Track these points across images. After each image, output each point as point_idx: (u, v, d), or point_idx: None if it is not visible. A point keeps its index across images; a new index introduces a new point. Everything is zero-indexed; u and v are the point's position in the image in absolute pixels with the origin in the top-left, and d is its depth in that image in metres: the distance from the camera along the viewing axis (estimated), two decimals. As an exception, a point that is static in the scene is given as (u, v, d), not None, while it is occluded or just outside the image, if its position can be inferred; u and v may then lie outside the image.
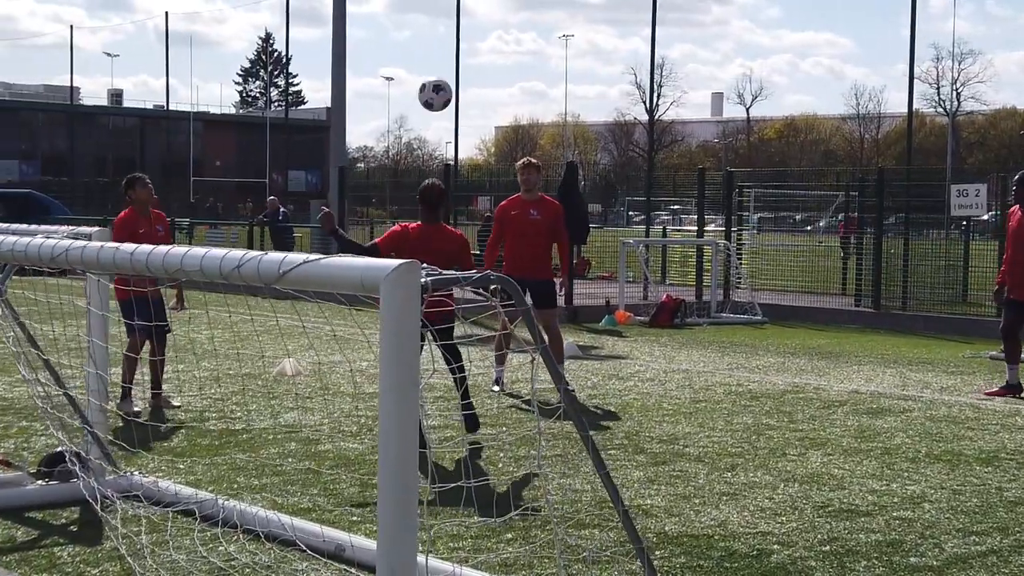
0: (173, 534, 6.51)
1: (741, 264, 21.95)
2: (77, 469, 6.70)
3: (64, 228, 7.83)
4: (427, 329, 6.20)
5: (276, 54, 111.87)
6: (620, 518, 4.79)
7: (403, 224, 9.69)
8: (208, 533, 6.55)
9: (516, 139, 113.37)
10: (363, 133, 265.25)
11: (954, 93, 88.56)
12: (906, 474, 8.59)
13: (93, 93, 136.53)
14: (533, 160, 12.41)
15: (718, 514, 7.40)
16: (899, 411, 11.26)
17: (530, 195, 12.11)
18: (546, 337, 12.48)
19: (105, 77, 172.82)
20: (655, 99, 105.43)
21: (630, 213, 64.64)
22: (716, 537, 6.91)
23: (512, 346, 12.57)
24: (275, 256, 4.41)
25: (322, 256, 4.27)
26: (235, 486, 7.82)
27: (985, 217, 25.53)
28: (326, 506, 7.38)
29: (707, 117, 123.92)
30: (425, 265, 4.17)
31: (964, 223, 22.50)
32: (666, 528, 7.09)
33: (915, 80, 27.68)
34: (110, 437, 7.60)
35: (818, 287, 23.03)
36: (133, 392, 10.61)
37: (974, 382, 13.31)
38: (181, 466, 8.40)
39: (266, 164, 77.21)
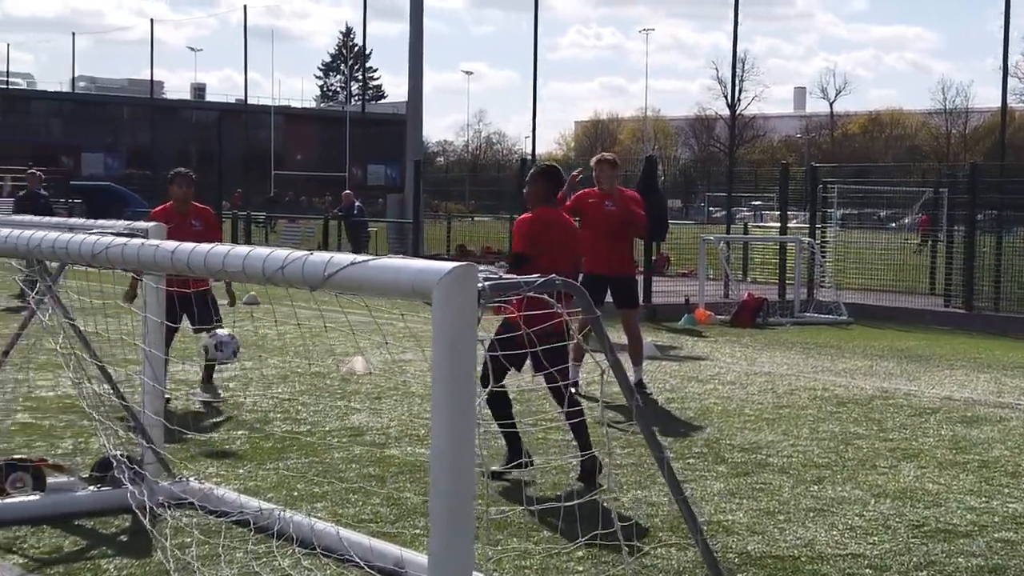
0: (225, 547, 6.17)
1: (825, 262, 21.29)
2: (124, 476, 6.38)
3: (121, 223, 7.55)
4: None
5: (356, 48, 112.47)
6: (699, 547, 4.34)
7: (528, 216, 8.61)
8: (262, 546, 6.21)
9: (595, 134, 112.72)
10: (443, 127, 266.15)
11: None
12: (1007, 490, 8.03)
13: (177, 87, 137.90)
14: (607, 155, 11.96)
15: (805, 532, 6.92)
16: (996, 420, 10.66)
17: (606, 190, 11.68)
18: (624, 339, 12.08)
19: (189, 72, 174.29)
20: (737, 94, 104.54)
21: (710, 209, 63.89)
22: (803, 559, 6.44)
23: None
24: (320, 257, 4.03)
25: (371, 257, 3.88)
26: (295, 494, 7.48)
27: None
28: (388, 516, 7.01)
29: (789, 112, 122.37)
30: (484, 268, 3.77)
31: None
32: (748, 548, 6.63)
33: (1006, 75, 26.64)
34: (164, 440, 7.29)
35: (905, 286, 22.29)
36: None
37: (1074, 389, 12.65)
38: (241, 471, 8.08)
39: (346, 158, 77.37)
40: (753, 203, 54.48)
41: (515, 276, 3.82)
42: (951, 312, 19.56)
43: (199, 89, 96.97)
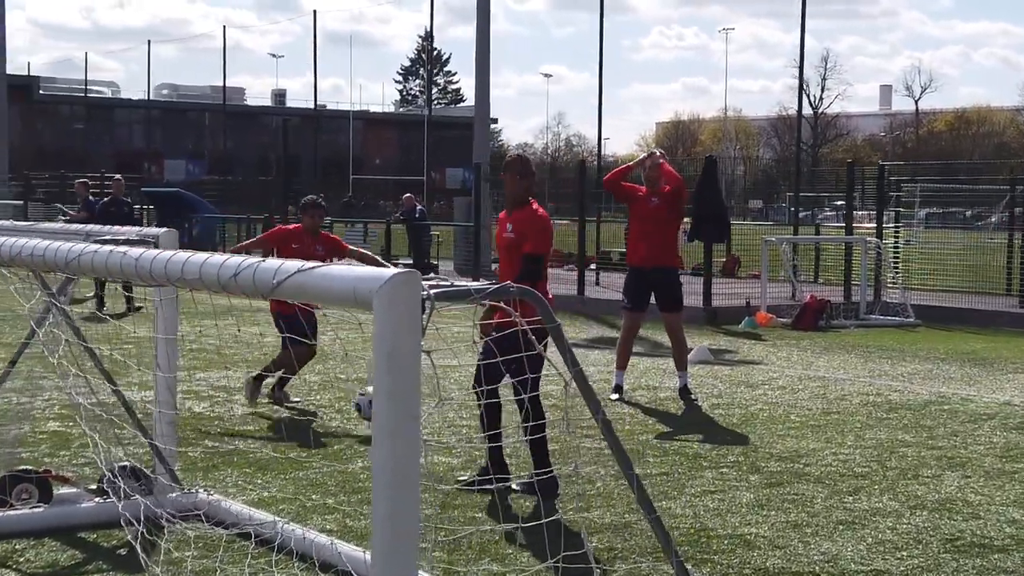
0: (225, 560, 6.04)
1: (897, 263, 20.77)
2: (128, 488, 6.27)
3: (134, 229, 7.46)
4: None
5: (436, 52, 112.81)
6: (675, 570, 4.11)
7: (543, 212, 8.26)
8: (263, 560, 6.07)
9: (676, 135, 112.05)
10: (524, 130, 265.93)
11: None
12: (1053, 502, 7.66)
13: (260, 94, 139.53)
14: (655, 152, 11.70)
15: (830, 547, 6.63)
16: (1054, 427, 10.24)
17: (653, 187, 11.45)
18: (670, 341, 11.81)
19: (272, 78, 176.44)
20: (820, 92, 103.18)
21: (792, 209, 63.10)
22: (822, 575, 6.15)
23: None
24: (271, 265, 3.86)
25: (318, 264, 3.70)
26: (307, 505, 7.33)
27: None
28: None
29: (874, 110, 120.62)
30: (434, 276, 3.58)
31: None
32: (768, 563, 6.36)
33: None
34: (175, 450, 7.18)
35: (983, 287, 21.64)
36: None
37: None
38: (259, 480, 7.96)
39: (423, 162, 77.55)
40: (836, 203, 53.68)
41: (463, 284, 3.60)
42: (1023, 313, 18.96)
43: (280, 95, 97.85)
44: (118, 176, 21.78)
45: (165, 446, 6.97)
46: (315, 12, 56.57)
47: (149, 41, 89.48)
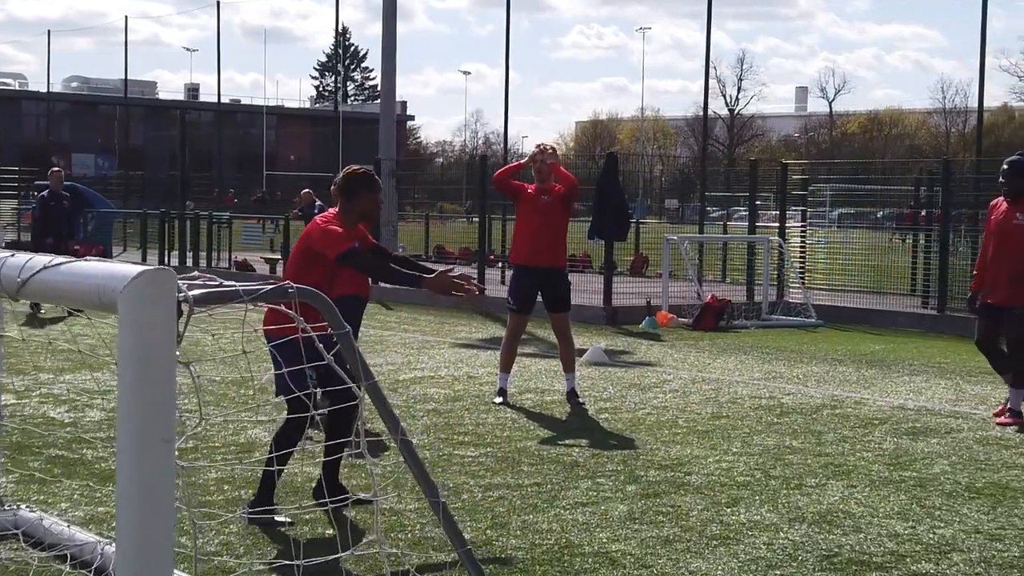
0: (34, 585, 5.48)
1: (804, 263, 20.57)
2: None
3: None
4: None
5: (353, 48, 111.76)
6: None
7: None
8: (78, 584, 5.51)
9: (595, 134, 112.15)
10: (443, 128, 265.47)
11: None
12: (938, 513, 7.31)
13: (178, 88, 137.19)
14: (547, 147, 11.22)
15: (700, 565, 6.21)
16: (946, 431, 9.94)
17: (543, 184, 10.99)
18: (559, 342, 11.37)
19: (195, 73, 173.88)
20: (736, 92, 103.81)
21: (708, 208, 63.19)
22: (687, 597, 5.73)
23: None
24: (18, 260, 3.33)
25: (67, 260, 3.19)
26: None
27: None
28: (236, 547, 6.30)
29: (790, 112, 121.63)
30: (199, 275, 3.08)
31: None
32: (630, 583, 5.92)
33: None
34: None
35: (887, 287, 21.52)
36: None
37: (1038, 397, 11.90)
38: (98, 494, 7.37)
39: (339, 158, 76.66)
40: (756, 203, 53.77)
41: (231, 285, 3.10)
42: (926, 314, 18.79)
43: (193, 89, 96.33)
44: (57, 168, 20.91)
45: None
46: (218, 3, 55.35)
47: (49, 31, 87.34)
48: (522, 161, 11.39)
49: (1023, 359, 10.45)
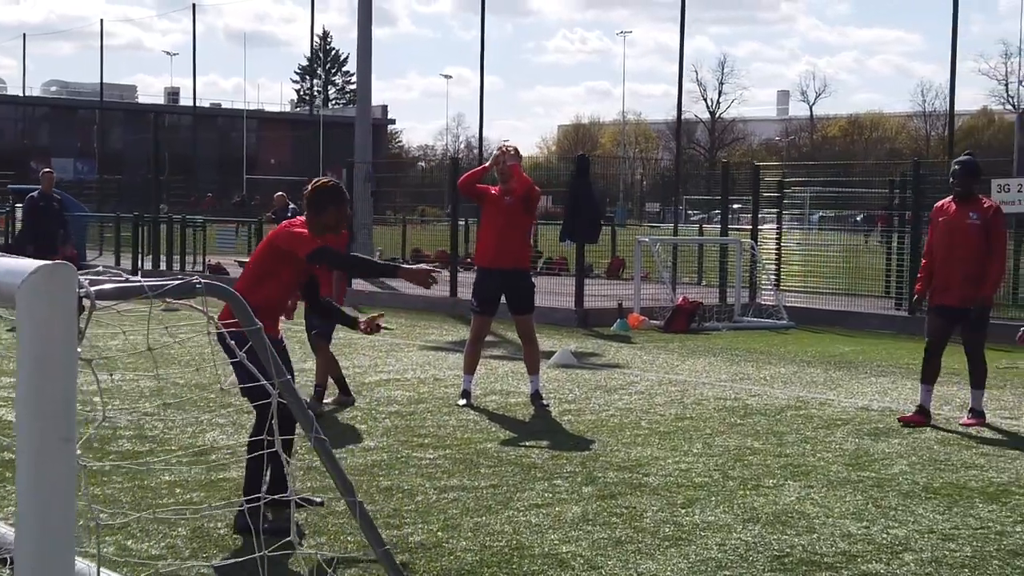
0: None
1: (779, 264, 20.55)
2: None
3: None
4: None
5: (334, 52, 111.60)
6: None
7: None
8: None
9: (576, 138, 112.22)
10: (426, 132, 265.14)
11: (1022, 90, 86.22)
12: (893, 513, 7.29)
13: (159, 93, 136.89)
14: (508, 148, 11.16)
15: (650, 566, 6.16)
16: (907, 432, 9.92)
17: (506, 186, 10.94)
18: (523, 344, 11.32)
19: (177, 77, 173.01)
20: (717, 96, 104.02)
21: (689, 212, 63.26)
22: (633, 599, 5.69)
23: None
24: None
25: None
26: (90, 526, 6.67)
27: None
28: (182, 551, 6.23)
29: (772, 115, 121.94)
30: (104, 270, 3.02)
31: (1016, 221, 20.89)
32: (577, 585, 5.87)
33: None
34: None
35: (861, 289, 21.51)
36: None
37: (1002, 397, 11.92)
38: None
39: (320, 162, 76.55)
40: (733, 206, 53.90)
41: (137, 280, 3.04)
42: (897, 316, 18.80)
43: (173, 93, 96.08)
44: (48, 169, 20.66)
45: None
46: (193, 6, 55.21)
47: (25, 35, 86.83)
48: (485, 165, 11.33)
49: (981, 360, 10.44)
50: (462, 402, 10.90)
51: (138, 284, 3.03)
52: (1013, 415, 10.88)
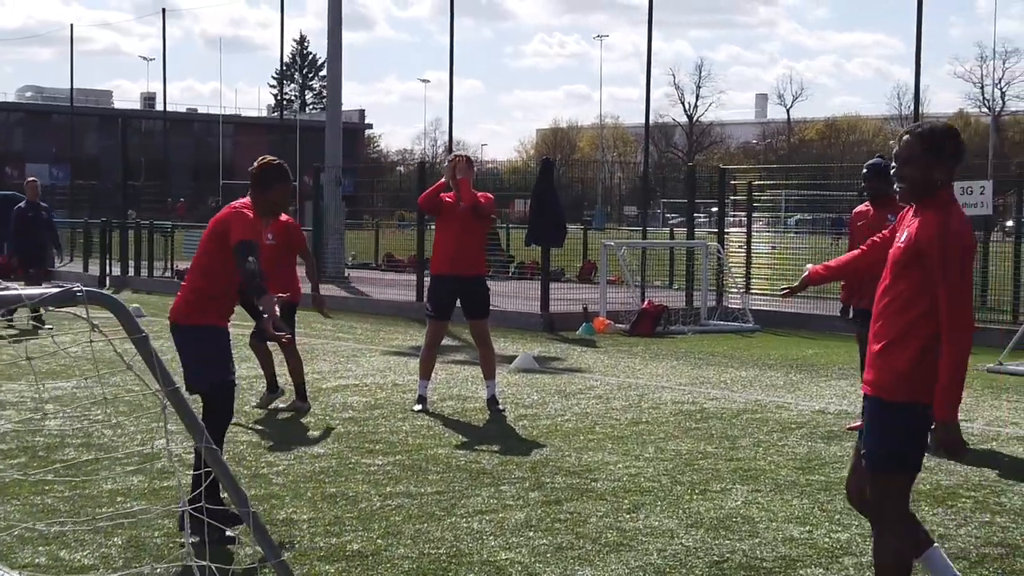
0: None
1: (749, 267, 20.53)
2: None
3: None
4: None
5: (311, 57, 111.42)
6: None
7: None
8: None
9: (555, 141, 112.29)
10: (405, 137, 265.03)
11: (997, 92, 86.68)
12: (837, 517, 7.27)
13: (137, 98, 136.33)
14: (460, 158, 11.07)
15: (588, 572, 6.13)
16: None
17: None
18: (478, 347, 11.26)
19: (155, 81, 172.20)
20: (695, 100, 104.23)
21: (667, 215, 63.32)
22: (566, 606, 5.65)
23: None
24: None
25: None
26: (24, 536, 6.60)
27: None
28: (115, 560, 6.16)
29: (750, 119, 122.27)
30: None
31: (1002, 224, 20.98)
32: (512, 592, 5.83)
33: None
34: None
35: (828, 292, 21.49)
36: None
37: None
38: (-12, 507, 7.23)
39: (297, 167, 76.32)
40: (712, 209, 54.08)
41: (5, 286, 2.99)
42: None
43: (149, 99, 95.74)
44: (32, 178, 20.39)
45: None
46: (164, 11, 55.07)
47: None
48: (441, 181, 11.20)
49: None
50: (417, 408, 10.85)
51: (15, 293, 2.98)
52: (968, 417, 10.87)
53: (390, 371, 13.44)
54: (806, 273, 5.77)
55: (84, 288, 3.01)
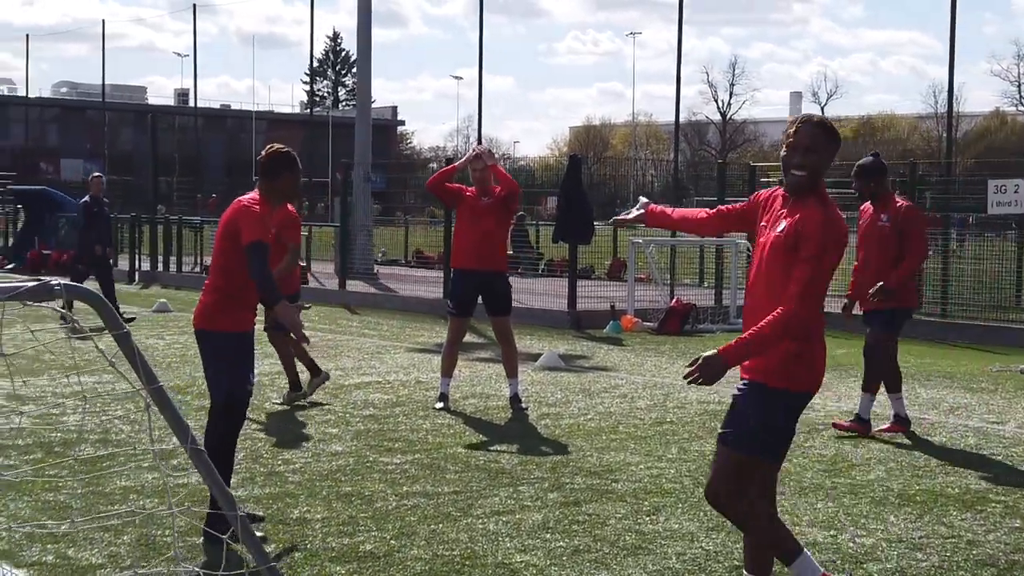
0: None
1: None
2: None
3: None
4: None
5: (344, 53, 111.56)
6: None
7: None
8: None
9: (588, 139, 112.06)
10: (437, 134, 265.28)
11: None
12: (863, 521, 7.10)
13: (171, 94, 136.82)
14: (483, 150, 10.96)
15: (604, 576, 5.99)
16: (888, 437, 9.72)
17: (482, 187, 10.76)
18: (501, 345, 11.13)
19: (188, 78, 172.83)
20: (728, 97, 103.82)
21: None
22: (580, 611, 5.51)
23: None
24: None
25: None
26: (34, 535, 6.53)
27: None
28: (122, 558, 6.07)
29: (784, 117, 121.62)
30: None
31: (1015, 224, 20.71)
32: (525, 596, 5.69)
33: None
34: None
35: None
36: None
37: (992, 401, 11.71)
38: (11, 504, 7.15)
39: (328, 163, 76.46)
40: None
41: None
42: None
43: (183, 95, 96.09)
44: (97, 173, 20.37)
45: None
46: (195, 6, 55.14)
47: (28, 36, 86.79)
48: (455, 164, 11.12)
49: (877, 363, 10.13)
50: (439, 405, 10.73)
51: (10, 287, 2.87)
52: (1000, 419, 10.67)
53: (414, 368, 13.33)
54: (644, 209, 5.67)
55: (62, 282, 2.90)
